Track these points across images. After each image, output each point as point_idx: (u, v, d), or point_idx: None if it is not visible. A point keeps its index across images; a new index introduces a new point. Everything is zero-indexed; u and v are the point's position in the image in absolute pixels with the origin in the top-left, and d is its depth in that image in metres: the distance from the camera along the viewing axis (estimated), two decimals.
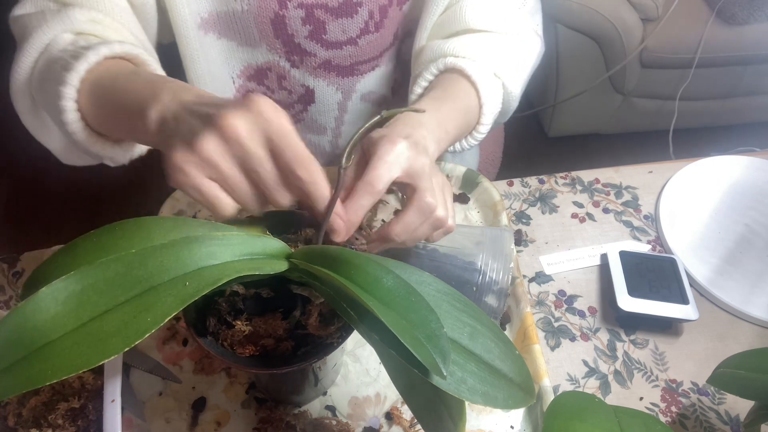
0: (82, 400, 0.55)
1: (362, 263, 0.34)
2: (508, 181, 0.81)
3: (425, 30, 0.68)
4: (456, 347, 0.35)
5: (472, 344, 0.36)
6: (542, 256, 0.73)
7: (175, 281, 0.30)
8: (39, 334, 0.26)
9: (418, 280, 0.38)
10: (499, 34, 0.65)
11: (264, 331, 0.43)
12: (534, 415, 0.58)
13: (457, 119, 0.58)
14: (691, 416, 0.60)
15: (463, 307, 0.37)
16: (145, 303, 0.28)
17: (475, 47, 0.62)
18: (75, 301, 0.27)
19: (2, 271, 0.70)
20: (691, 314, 0.63)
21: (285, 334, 0.43)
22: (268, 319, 0.43)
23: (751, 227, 0.77)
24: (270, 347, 0.43)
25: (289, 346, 0.43)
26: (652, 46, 1.71)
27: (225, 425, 0.58)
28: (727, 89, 1.87)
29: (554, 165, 0.95)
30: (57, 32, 0.54)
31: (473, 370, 0.34)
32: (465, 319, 0.37)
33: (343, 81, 0.73)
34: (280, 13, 0.64)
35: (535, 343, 0.60)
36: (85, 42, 0.53)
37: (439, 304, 0.37)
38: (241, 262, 0.34)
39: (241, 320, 0.43)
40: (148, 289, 0.29)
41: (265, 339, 0.43)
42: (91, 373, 0.56)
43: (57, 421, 0.54)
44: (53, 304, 0.27)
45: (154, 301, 0.28)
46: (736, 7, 1.68)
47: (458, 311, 0.37)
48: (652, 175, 0.82)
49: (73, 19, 0.55)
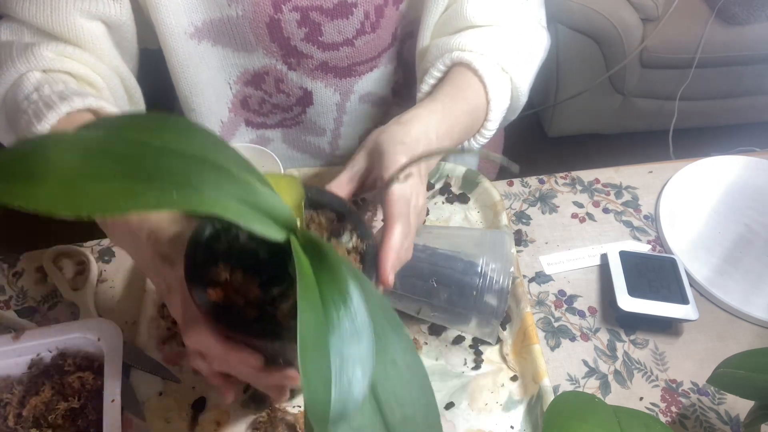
0: (82, 400, 0.55)
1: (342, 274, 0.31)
2: (508, 181, 0.81)
3: (428, 29, 0.68)
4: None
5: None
6: (542, 256, 0.73)
7: (166, 186, 0.29)
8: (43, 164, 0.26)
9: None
10: (505, 27, 0.64)
11: (238, 287, 0.41)
12: (534, 415, 0.58)
13: (464, 122, 0.59)
14: (691, 416, 0.60)
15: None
16: (133, 190, 0.28)
17: (481, 41, 0.62)
18: (88, 153, 0.28)
19: (2, 271, 0.70)
20: (691, 314, 0.63)
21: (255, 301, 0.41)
22: (247, 278, 0.42)
23: (751, 227, 0.77)
24: (235, 304, 0.41)
25: (251, 314, 0.41)
26: (652, 46, 1.71)
27: (225, 425, 0.58)
28: (727, 89, 1.87)
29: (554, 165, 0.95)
30: (24, 71, 0.56)
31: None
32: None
33: (341, 82, 0.73)
34: (276, 17, 0.64)
35: (535, 343, 0.60)
36: (49, 90, 0.54)
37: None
38: (236, 205, 0.32)
39: (225, 266, 0.41)
40: (145, 179, 0.29)
41: (236, 295, 0.41)
42: (91, 373, 0.57)
43: (57, 421, 0.54)
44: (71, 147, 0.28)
45: (143, 191, 0.28)
46: (736, 7, 1.68)
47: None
48: (652, 175, 0.82)
49: (40, 57, 0.56)
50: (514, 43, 0.64)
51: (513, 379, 0.61)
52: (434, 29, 0.68)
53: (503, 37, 0.63)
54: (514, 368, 0.62)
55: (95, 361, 0.58)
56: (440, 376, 0.61)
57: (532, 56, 0.67)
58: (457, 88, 0.60)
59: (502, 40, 0.63)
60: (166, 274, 0.44)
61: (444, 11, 0.67)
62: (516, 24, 0.65)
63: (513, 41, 0.64)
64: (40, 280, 0.69)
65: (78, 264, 0.70)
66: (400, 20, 0.71)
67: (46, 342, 0.57)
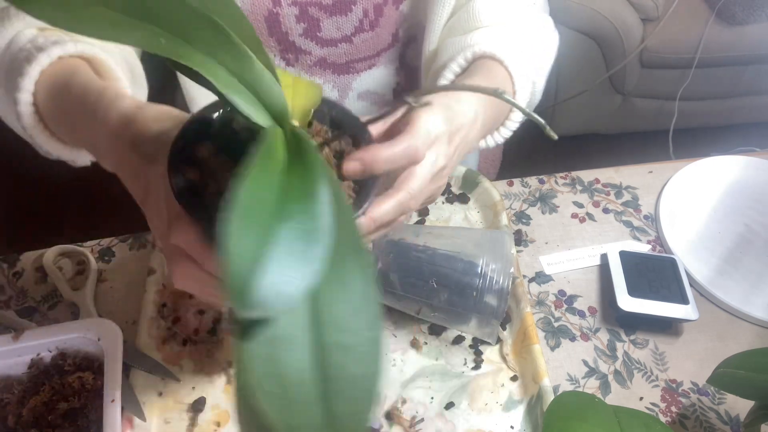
0: (82, 400, 0.55)
1: (315, 173, 0.26)
2: (508, 181, 0.81)
3: (434, 34, 0.67)
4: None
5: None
6: (542, 256, 0.73)
7: (158, 31, 0.28)
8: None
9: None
10: (520, 26, 0.64)
11: (216, 170, 0.38)
12: (534, 415, 0.58)
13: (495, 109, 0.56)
14: (691, 416, 0.60)
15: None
16: (126, 23, 0.28)
17: (501, 36, 0.61)
18: None
19: (2, 271, 0.70)
20: (691, 314, 0.63)
21: (225, 187, 0.38)
22: (228, 164, 0.38)
23: (751, 227, 0.77)
24: (207, 188, 0.38)
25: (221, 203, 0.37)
26: (652, 46, 1.71)
27: (225, 425, 0.58)
28: (727, 89, 1.87)
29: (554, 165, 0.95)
30: (20, 28, 0.54)
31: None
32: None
33: (339, 79, 0.73)
34: (274, 11, 0.64)
35: (535, 343, 0.60)
36: (43, 39, 0.53)
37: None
38: (226, 75, 0.30)
39: (208, 146, 0.39)
40: (140, 17, 0.28)
41: (212, 180, 0.38)
42: (91, 373, 0.57)
43: (57, 421, 0.54)
44: None
45: (134, 27, 0.27)
46: (736, 7, 1.68)
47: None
48: (652, 175, 0.82)
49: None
50: (530, 40, 0.63)
51: (513, 379, 0.61)
52: (442, 34, 0.68)
53: (520, 34, 0.63)
54: (514, 368, 0.62)
55: (95, 361, 0.58)
56: (440, 376, 0.61)
57: (547, 53, 0.66)
58: (486, 76, 0.57)
59: (520, 37, 0.62)
60: (146, 172, 0.40)
61: (450, 17, 0.67)
62: (529, 24, 0.65)
63: (529, 38, 0.63)
64: (40, 280, 0.69)
65: (78, 264, 0.70)
66: (401, 21, 0.71)
67: (46, 342, 0.57)
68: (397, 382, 0.61)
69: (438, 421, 0.58)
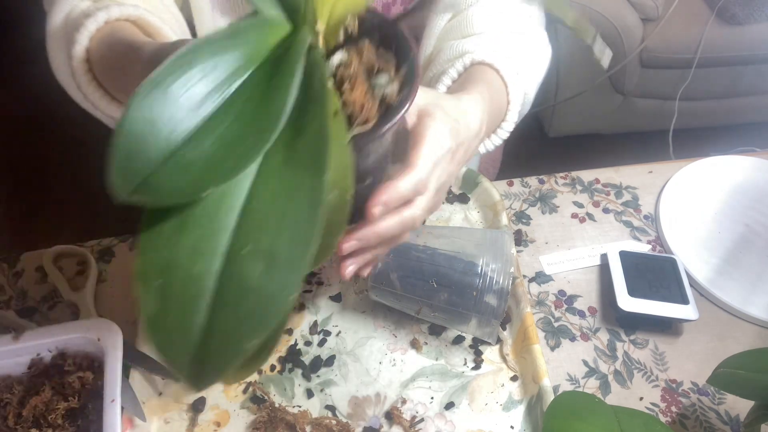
0: (82, 400, 0.55)
1: (294, 62, 0.24)
2: (508, 181, 0.81)
3: (431, 38, 0.68)
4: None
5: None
6: (542, 256, 0.73)
7: None
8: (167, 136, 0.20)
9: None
10: (515, 34, 0.64)
11: None
12: (534, 415, 0.58)
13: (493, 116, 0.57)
14: (691, 416, 0.60)
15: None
16: None
17: (498, 46, 0.62)
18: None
19: (2, 271, 0.70)
20: (691, 314, 0.63)
21: None
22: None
23: (751, 227, 0.77)
24: None
25: None
26: (652, 46, 1.71)
27: (224, 425, 0.58)
28: (727, 89, 1.87)
29: (554, 165, 0.95)
30: (76, 2, 0.56)
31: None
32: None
33: None
34: None
35: (535, 343, 0.60)
36: (93, 6, 0.55)
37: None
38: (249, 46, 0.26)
39: None
40: None
41: None
42: (91, 373, 0.56)
43: (57, 421, 0.54)
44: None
45: None
46: (736, 7, 1.68)
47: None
48: (652, 175, 0.82)
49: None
50: (525, 50, 0.64)
51: (513, 379, 0.61)
52: (439, 37, 0.68)
53: (517, 46, 0.63)
54: (514, 368, 0.62)
55: (95, 361, 0.58)
56: (440, 376, 0.61)
57: (539, 67, 0.67)
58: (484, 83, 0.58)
59: (516, 48, 0.63)
60: None
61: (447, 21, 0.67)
62: (525, 36, 0.65)
63: (524, 48, 0.64)
64: (40, 280, 0.69)
65: (78, 264, 0.70)
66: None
67: (46, 342, 0.57)
68: (397, 382, 0.61)
69: (438, 421, 0.58)
